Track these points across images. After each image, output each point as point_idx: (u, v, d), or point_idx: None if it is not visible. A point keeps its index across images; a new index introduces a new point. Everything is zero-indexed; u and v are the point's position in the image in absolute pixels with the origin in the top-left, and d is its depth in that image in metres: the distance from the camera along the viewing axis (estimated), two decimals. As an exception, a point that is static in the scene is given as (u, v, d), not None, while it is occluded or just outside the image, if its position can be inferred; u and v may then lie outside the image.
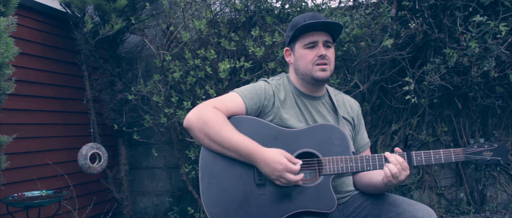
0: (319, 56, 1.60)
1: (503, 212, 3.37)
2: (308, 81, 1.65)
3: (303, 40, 1.62)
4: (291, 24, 1.66)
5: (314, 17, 1.61)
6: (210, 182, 1.52)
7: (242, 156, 1.49)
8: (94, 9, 3.54)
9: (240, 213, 1.49)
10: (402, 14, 3.02)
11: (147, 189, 4.27)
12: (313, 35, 1.61)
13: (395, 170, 1.45)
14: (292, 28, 1.64)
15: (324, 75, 1.61)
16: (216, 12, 3.44)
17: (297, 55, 1.65)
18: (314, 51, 1.61)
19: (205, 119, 1.51)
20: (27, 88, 3.26)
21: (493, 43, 2.80)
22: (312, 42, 1.61)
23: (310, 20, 1.58)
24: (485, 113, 3.43)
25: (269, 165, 1.45)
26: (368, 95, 3.47)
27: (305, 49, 1.62)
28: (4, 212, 2.78)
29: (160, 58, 3.47)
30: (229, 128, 1.50)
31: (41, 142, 3.39)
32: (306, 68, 1.62)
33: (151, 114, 3.64)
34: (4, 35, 2.36)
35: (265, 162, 1.45)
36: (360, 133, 1.77)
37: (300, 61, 1.64)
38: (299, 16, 1.65)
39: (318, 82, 1.65)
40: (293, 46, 1.67)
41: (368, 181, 1.63)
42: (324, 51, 1.60)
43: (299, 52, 1.64)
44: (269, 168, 1.45)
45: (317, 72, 1.61)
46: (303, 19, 1.61)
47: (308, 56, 1.61)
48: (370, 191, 1.65)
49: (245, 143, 1.48)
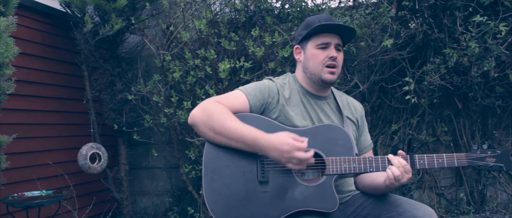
0: (330, 57, 1.62)
1: (503, 212, 3.37)
2: (315, 81, 1.67)
3: (316, 40, 1.64)
4: (305, 23, 1.67)
5: (329, 19, 1.64)
6: (213, 178, 1.52)
7: (248, 145, 1.49)
8: (94, 9, 3.54)
9: (241, 210, 1.50)
10: (402, 14, 3.03)
11: (147, 189, 4.27)
12: (326, 36, 1.63)
13: (397, 172, 1.45)
14: (306, 27, 1.66)
15: (332, 78, 1.64)
16: (216, 12, 3.44)
17: (308, 54, 1.67)
18: (326, 52, 1.63)
19: (209, 112, 1.52)
20: (27, 88, 3.26)
21: (493, 43, 2.80)
22: (325, 43, 1.63)
23: (326, 22, 1.61)
24: (485, 113, 3.43)
25: (276, 148, 1.44)
26: (368, 95, 3.47)
27: (317, 49, 1.64)
28: (4, 212, 2.78)
29: (160, 58, 3.47)
30: (233, 119, 1.50)
31: (41, 142, 3.39)
32: (316, 68, 1.64)
33: (151, 114, 3.64)
34: (4, 35, 2.36)
35: (272, 146, 1.45)
36: (363, 134, 1.79)
37: (311, 60, 1.65)
38: (314, 17, 1.67)
39: (325, 85, 1.67)
40: (304, 45, 1.69)
41: (370, 182, 1.64)
42: (336, 54, 1.63)
43: (310, 52, 1.66)
44: (277, 151, 1.44)
45: (325, 75, 1.63)
46: (318, 20, 1.63)
47: (319, 56, 1.63)
48: (371, 192, 1.66)
49: (250, 131, 1.48)
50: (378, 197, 1.63)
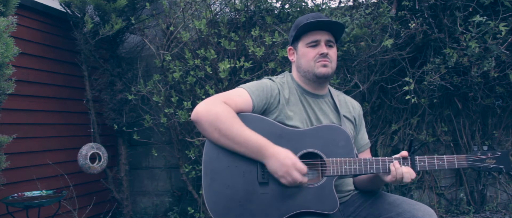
0: (321, 54, 1.63)
1: (503, 212, 3.37)
2: (310, 78, 1.67)
3: (306, 39, 1.66)
4: (295, 24, 1.70)
5: (317, 17, 1.65)
6: (213, 179, 1.52)
7: (252, 151, 1.49)
8: (94, 9, 3.54)
9: (241, 211, 1.49)
10: (402, 14, 3.02)
11: (147, 189, 4.27)
12: (315, 34, 1.64)
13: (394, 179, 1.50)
14: (295, 28, 1.68)
15: (326, 71, 1.64)
16: (216, 12, 3.44)
17: (299, 54, 1.69)
18: (316, 50, 1.64)
19: (217, 113, 1.50)
20: (27, 88, 3.26)
21: (493, 43, 2.80)
22: (314, 41, 1.64)
23: (313, 19, 1.62)
24: (485, 113, 3.43)
25: (278, 159, 1.45)
26: (368, 95, 3.47)
27: (307, 48, 1.65)
28: (4, 212, 2.78)
29: (160, 58, 3.47)
30: (240, 124, 1.50)
31: (41, 142, 3.39)
32: (308, 65, 1.65)
33: (151, 114, 3.64)
34: (4, 35, 2.36)
35: (275, 157, 1.46)
36: (361, 132, 1.79)
37: (302, 59, 1.67)
38: (303, 16, 1.70)
39: (320, 79, 1.67)
40: (296, 45, 1.71)
41: (366, 177, 1.65)
42: (326, 50, 1.64)
43: (301, 51, 1.67)
44: (278, 162, 1.45)
45: (318, 69, 1.64)
46: (306, 19, 1.65)
47: (310, 54, 1.65)
48: (367, 187, 1.67)
49: (257, 139, 1.49)
50: (377, 197, 1.63)
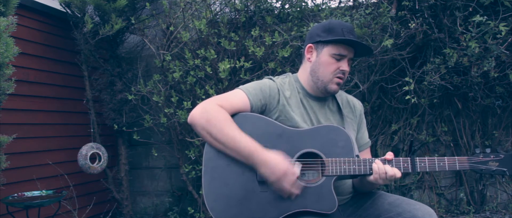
0: (342, 70, 1.62)
1: (503, 212, 3.37)
2: (319, 87, 1.66)
3: (334, 49, 1.61)
4: (328, 27, 1.63)
5: (351, 32, 1.62)
6: (213, 177, 1.52)
7: (243, 157, 1.48)
8: (94, 9, 3.54)
9: (240, 209, 1.49)
10: (402, 14, 3.02)
11: (147, 189, 4.27)
12: (345, 49, 1.61)
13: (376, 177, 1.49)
14: (328, 31, 1.62)
15: (336, 89, 1.65)
16: (216, 12, 3.44)
17: (321, 59, 1.64)
18: (339, 64, 1.62)
19: (208, 117, 1.50)
20: (27, 88, 3.26)
21: (493, 43, 2.80)
22: (341, 55, 1.61)
23: (349, 35, 1.59)
24: (485, 113, 3.42)
25: (268, 167, 1.45)
26: (368, 95, 3.47)
27: (331, 58, 1.62)
28: (4, 212, 2.78)
29: (160, 58, 3.47)
30: (232, 127, 1.49)
31: (41, 142, 3.39)
32: (325, 76, 1.63)
33: (151, 114, 3.64)
34: (4, 35, 2.36)
35: (265, 164, 1.45)
36: (361, 131, 1.78)
37: (322, 66, 1.64)
38: (338, 23, 1.64)
39: (328, 94, 1.68)
40: (320, 48, 1.65)
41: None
42: (347, 68, 1.63)
43: (324, 58, 1.63)
44: (268, 170, 1.45)
45: (332, 85, 1.63)
46: (342, 29, 1.60)
47: (332, 66, 1.62)
48: (365, 187, 1.66)
49: (247, 144, 1.47)
50: (377, 197, 1.63)
